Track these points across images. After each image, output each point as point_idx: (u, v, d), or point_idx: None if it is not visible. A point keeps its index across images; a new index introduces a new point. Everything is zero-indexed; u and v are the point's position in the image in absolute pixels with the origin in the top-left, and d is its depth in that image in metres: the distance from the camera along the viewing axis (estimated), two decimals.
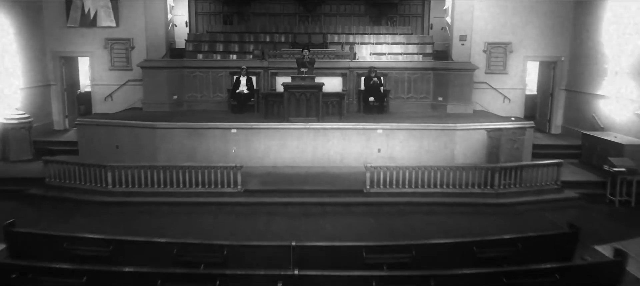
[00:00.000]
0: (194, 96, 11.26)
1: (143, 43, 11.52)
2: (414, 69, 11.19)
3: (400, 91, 11.24)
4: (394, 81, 11.21)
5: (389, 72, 11.12)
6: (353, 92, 11.18)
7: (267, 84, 11.17)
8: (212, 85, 11.23)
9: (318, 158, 9.20)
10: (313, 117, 9.31)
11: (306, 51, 10.03)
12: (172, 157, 9.12)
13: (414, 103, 11.24)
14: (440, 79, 11.07)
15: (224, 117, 9.89)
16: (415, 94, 11.26)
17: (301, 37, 13.26)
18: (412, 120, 9.64)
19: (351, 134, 9.16)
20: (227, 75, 11.12)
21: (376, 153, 9.21)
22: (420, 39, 13.09)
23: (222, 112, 10.70)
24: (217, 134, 9.15)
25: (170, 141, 9.15)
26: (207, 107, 11.14)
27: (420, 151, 9.22)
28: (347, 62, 11.16)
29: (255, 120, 9.49)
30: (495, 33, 11.52)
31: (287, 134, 9.15)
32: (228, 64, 11.26)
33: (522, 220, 7.37)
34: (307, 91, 9.27)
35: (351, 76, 11.14)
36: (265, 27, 13.82)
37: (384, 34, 13.42)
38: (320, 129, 9.16)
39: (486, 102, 11.60)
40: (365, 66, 11.04)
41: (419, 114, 10.66)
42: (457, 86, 10.87)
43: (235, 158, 9.12)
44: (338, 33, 13.46)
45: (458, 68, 10.94)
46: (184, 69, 11.17)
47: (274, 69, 11.11)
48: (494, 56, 11.58)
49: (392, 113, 10.68)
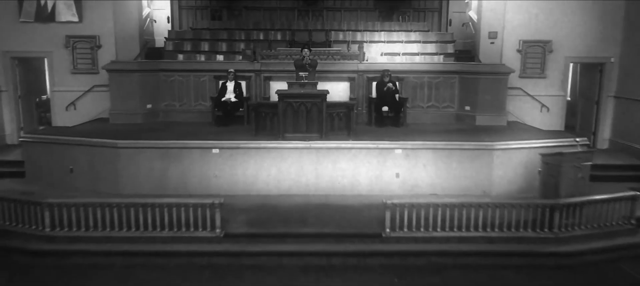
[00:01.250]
0: (171, 104, 9.41)
1: (112, 41, 9.66)
2: (435, 72, 9.34)
3: (418, 98, 9.40)
4: (412, 86, 9.36)
5: (405, 76, 9.27)
6: (362, 100, 9.33)
7: (259, 91, 9.32)
8: (193, 91, 9.38)
9: (321, 184, 7.35)
10: (315, 133, 7.47)
11: (306, 51, 8.19)
12: (138, 184, 7.28)
13: (435, 113, 9.39)
14: (467, 85, 9.22)
15: (206, 132, 8.04)
16: (437, 103, 9.42)
17: (300, 34, 11.42)
18: (437, 136, 7.80)
19: (363, 155, 7.32)
20: (211, 79, 9.27)
21: (394, 179, 7.36)
22: (439, 37, 11.24)
23: (204, 124, 8.85)
24: (195, 155, 7.30)
25: (137, 164, 7.31)
26: (188, 118, 9.29)
27: (449, 176, 7.37)
28: (355, 64, 9.32)
29: (243, 136, 7.64)
30: (532, 29, 9.65)
31: (283, 155, 7.30)
32: (212, 66, 9.40)
33: (596, 277, 5.53)
34: (307, 101, 7.42)
35: (360, 80, 9.29)
36: (258, 23, 11.98)
37: (396, 31, 11.58)
38: (323, 149, 7.30)
39: (521, 111, 9.74)
40: (377, 68, 9.20)
41: (442, 127, 8.81)
42: (488, 92, 9.02)
43: (218, 184, 7.28)
44: (343, 30, 11.61)
45: (489, 71, 9.09)
46: (159, 73, 9.32)
47: (268, 73, 9.26)
48: (531, 56, 9.72)
49: (410, 126, 8.83)
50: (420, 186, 7.39)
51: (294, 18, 12.54)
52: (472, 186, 7.39)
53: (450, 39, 11.22)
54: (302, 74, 7.65)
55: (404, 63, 9.72)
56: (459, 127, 8.85)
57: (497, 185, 7.40)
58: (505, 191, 7.40)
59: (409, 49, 10.70)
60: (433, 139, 7.56)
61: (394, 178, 7.37)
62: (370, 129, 8.60)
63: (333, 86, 8.81)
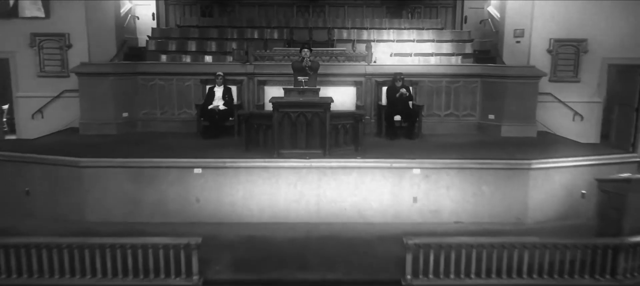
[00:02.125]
0: (151, 113, 8.22)
1: (84, 40, 8.45)
2: (454, 75, 8.16)
3: (435, 106, 8.21)
4: (427, 92, 8.17)
5: (419, 80, 8.09)
6: (370, 108, 8.14)
7: (252, 97, 8.13)
8: (177, 98, 8.19)
9: (324, 211, 6.15)
10: (316, 149, 6.28)
11: (306, 52, 7.01)
12: (106, 210, 6.09)
13: (454, 123, 8.21)
14: (491, 90, 8.04)
15: (189, 146, 6.85)
16: (456, 110, 8.23)
17: (300, 33, 10.25)
18: (460, 151, 6.62)
19: (374, 176, 6.12)
20: (198, 84, 8.08)
21: (411, 204, 6.17)
22: (455, 36, 10.05)
23: (189, 136, 7.66)
24: (173, 175, 6.10)
25: (104, 186, 6.10)
26: (170, 128, 8.10)
27: (476, 201, 6.18)
28: (363, 66, 8.12)
29: (232, 152, 6.44)
30: (564, 27, 8.46)
31: (278, 176, 6.11)
32: (198, 69, 8.21)
33: None
34: (307, 111, 6.23)
35: (368, 85, 8.11)
36: (253, 20, 10.79)
37: (407, 29, 10.40)
38: (327, 168, 6.11)
39: (550, 120, 8.55)
40: (387, 71, 8.01)
41: (463, 139, 7.62)
42: (515, 99, 7.84)
43: (200, 210, 6.09)
44: (347, 28, 10.44)
45: (518, 74, 7.90)
46: (138, 76, 8.13)
47: (262, 76, 8.07)
48: (563, 57, 8.52)
49: (426, 138, 7.65)
50: (442, 213, 6.19)
51: (292, 15, 11.35)
52: (503, 212, 6.20)
53: (467, 37, 10.03)
54: (301, 79, 6.46)
55: (419, 65, 8.52)
56: (482, 139, 7.65)
57: (533, 211, 6.21)
58: (543, 218, 6.22)
59: (422, 49, 9.51)
60: (456, 155, 6.37)
61: (411, 203, 6.17)
62: (381, 142, 7.41)
63: (337, 92, 7.63)
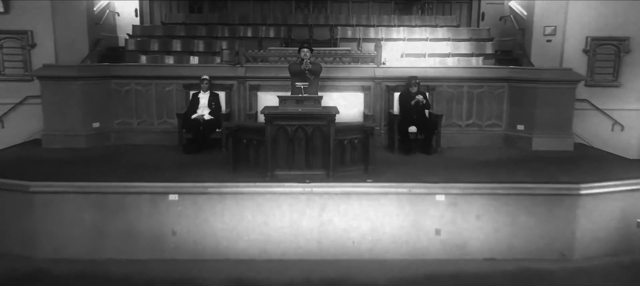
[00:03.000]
0: (127, 122, 7.12)
1: (50, 39, 7.37)
2: (477, 79, 7.06)
3: (455, 114, 7.11)
4: (445, 98, 7.08)
5: (436, 84, 6.99)
6: (380, 117, 7.05)
7: (243, 105, 7.03)
8: (156, 105, 7.09)
9: (328, 246, 5.04)
10: (319, 170, 5.19)
11: (306, 51, 5.93)
12: (61, 245, 5.00)
13: (477, 134, 7.11)
14: (520, 96, 6.94)
15: (166, 164, 5.76)
16: (479, 120, 7.13)
17: (299, 31, 9.18)
18: (488, 170, 5.53)
19: (388, 204, 5.02)
20: (180, 89, 6.99)
21: (433, 237, 5.07)
22: (473, 34, 8.97)
23: (170, 150, 6.57)
24: (144, 203, 5.00)
25: (60, 216, 5.00)
26: (149, 140, 7.01)
27: (512, 234, 5.08)
28: (371, 69, 7.03)
29: (216, 173, 5.35)
30: (602, 23, 7.38)
31: (272, 204, 5.01)
32: (181, 72, 7.10)
33: None
34: (307, 124, 5.13)
35: (377, 90, 7.01)
36: (247, 16, 9.71)
37: (419, 26, 9.32)
38: (332, 194, 5.01)
39: (585, 130, 7.47)
40: (399, 74, 6.93)
41: (490, 154, 6.53)
42: (549, 106, 6.74)
43: (177, 245, 5.00)
44: (351, 25, 9.36)
45: (552, 78, 6.79)
46: (111, 80, 7.03)
47: (255, 80, 6.97)
48: (601, 58, 7.44)
49: (446, 153, 6.56)
50: (470, 247, 5.09)
51: (290, 11, 10.27)
52: (545, 246, 5.10)
53: (487, 36, 8.95)
54: (300, 85, 5.37)
55: (435, 68, 7.42)
56: (512, 154, 6.55)
57: (581, 244, 5.11)
58: (593, 253, 5.13)
59: (436, 48, 8.43)
60: (486, 176, 5.29)
61: (433, 236, 5.07)
62: (393, 158, 6.32)
63: (342, 99, 6.56)
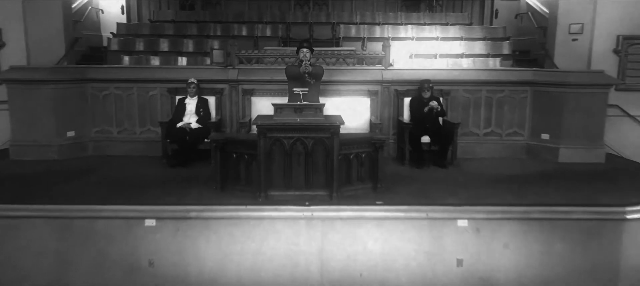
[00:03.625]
0: (106, 131, 6.39)
1: (21, 38, 6.65)
2: (496, 83, 6.32)
3: (472, 122, 6.39)
4: (461, 104, 6.35)
5: (450, 88, 6.27)
6: (388, 125, 6.33)
7: (235, 112, 6.29)
8: (138, 112, 6.37)
9: (331, 278, 4.30)
10: (320, 189, 4.46)
11: (305, 51, 5.21)
12: (21, 277, 4.28)
13: (496, 144, 6.38)
14: (545, 102, 6.21)
15: (146, 181, 5.03)
16: (499, 128, 6.40)
17: (298, 29, 8.48)
18: (513, 187, 4.80)
19: (401, 229, 4.29)
20: (165, 94, 6.26)
21: (454, 269, 4.34)
22: (488, 32, 8.26)
23: (151, 163, 5.84)
24: (116, 229, 4.28)
25: (17, 244, 4.28)
26: (130, 151, 6.29)
27: (546, 264, 4.35)
28: (378, 71, 6.30)
29: (201, 193, 4.63)
30: (636, 20, 6.65)
31: (266, 230, 4.28)
32: (166, 74, 6.36)
33: None
34: (307, 137, 4.40)
35: (385, 95, 6.28)
36: (241, 14, 8.99)
37: (428, 24, 8.61)
38: (336, 219, 4.28)
39: (615, 139, 6.74)
40: (409, 77, 6.21)
41: (513, 167, 5.80)
42: (578, 113, 6.01)
43: (155, 278, 4.27)
44: (355, 23, 8.65)
45: (581, 82, 6.05)
46: (88, 84, 6.30)
47: (249, 84, 6.23)
48: (634, 59, 6.72)
49: (462, 165, 5.83)
50: (497, 281, 4.36)
51: (289, 7, 9.54)
52: (585, 279, 4.37)
53: (502, 35, 8.23)
54: (299, 91, 4.64)
55: (449, 70, 6.69)
56: (538, 167, 5.81)
57: (627, 276, 4.39)
58: None
59: (448, 48, 7.71)
60: (513, 195, 4.56)
61: (454, 267, 4.34)
62: (404, 172, 5.59)
63: (345, 105, 5.85)
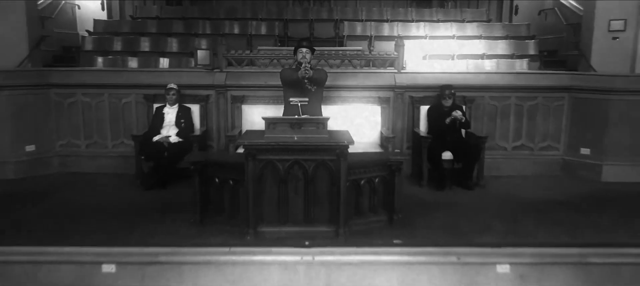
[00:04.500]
0: (73, 144, 5.49)
1: None
2: (528, 89, 5.42)
3: (498, 134, 5.49)
4: (486, 113, 5.46)
5: (473, 95, 5.38)
6: (402, 138, 5.43)
7: (223, 122, 5.39)
8: (111, 122, 5.47)
9: None
10: (324, 225, 3.56)
11: (304, 51, 4.31)
12: None
13: (527, 160, 5.48)
14: (584, 110, 5.32)
15: (111, 209, 4.14)
16: (530, 141, 5.50)
17: (297, 27, 7.61)
18: (558, 217, 3.91)
19: (426, 276, 3.40)
20: (141, 102, 5.37)
21: None
22: (510, 31, 7.37)
23: (123, 183, 4.95)
24: (66, 275, 3.38)
25: None
26: (102, 168, 5.40)
27: None
28: (391, 75, 5.38)
29: (176, 226, 3.74)
30: None
31: (256, 276, 3.38)
32: (142, 78, 5.45)
33: None
34: (308, 159, 3.50)
35: (398, 103, 5.37)
36: (234, 10, 8.10)
37: (442, 21, 7.73)
38: (344, 264, 3.38)
39: None
40: (428, 82, 5.31)
41: (550, 188, 4.91)
42: (624, 123, 5.13)
43: None
44: (361, 20, 7.77)
45: (631, 88, 5.15)
46: (50, 90, 5.40)
47: (238, 90, 5.32)
48: None
49: (491, 188, 4.93)
50: None
51: (287, 3, 8.63)
52: None
53: (526, 33, 7.35)
54: (296, 101, 3.73)
55: (475, 73, 5.79)
56: (582, 190, 4.91)
57: None
58: None
59: (466, 48, 6.83)
60: (561, 229, 3.67)
61: None
62: (422, 195, 4.69)
63: (351, 114, 4.97)
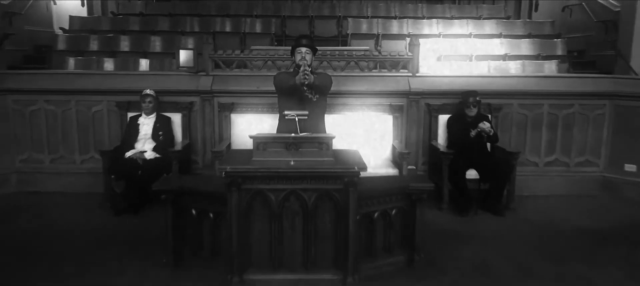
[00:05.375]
0: (35, 159, 4.73)
1: None
2: (563, 95, 4.67)
3: (529, 147, 4.73)
4: (514, 124, 4.71)
5: (502, 103, 4.62)
6: (416, 151, 4.67)
7: (209, 134, 4.63)
8: (79, 134, 4.71)
9: None
10: (327, 271, 2.80)
11: (304, 51, 3.54)
12: None
13: (562, 178, 4.72)
14: (629, 121, 4.57)
15: (74, 242, 3.39)
16: (565, 156, 4.74)
17: (296, 24, 6.89)
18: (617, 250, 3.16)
19: None
20: (113, 110, 4.61)
21: None
22: (533, 28, 6.63)
23: (93, 206, 4.20)
24: None
25: None
26: (68, 187, 4.64)
27: None
28: (405, 79, 4.62)
29: (143, 269, 2.99)
30: None
31: None
32: (115, 83, 4.67)
33: None
34: (308, 189, 2.74)
35: (412, 111, 4.61)
36: (226, 6, 7.35)
37: (456, 18, 7.00)
38: None
39: None
40: (446, 87, 4.57)
41: (595, 213, 4.15)
42: None
43: None
44: (366, 17, 7.05)
45: None
46: (7, 96, 4.64)
47: (228, 96, 4.54)
48: None
49: (524, 213, 4.18)
50: None
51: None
52: None
53: (551, 31, 6.61)
54: (294, 116, 2.96)
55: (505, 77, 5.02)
56: (632, 213, 4.17)
57: None
58: None
59: (485, 48, 6.08)
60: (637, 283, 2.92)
61: None
62: (444, 222, 3.93)
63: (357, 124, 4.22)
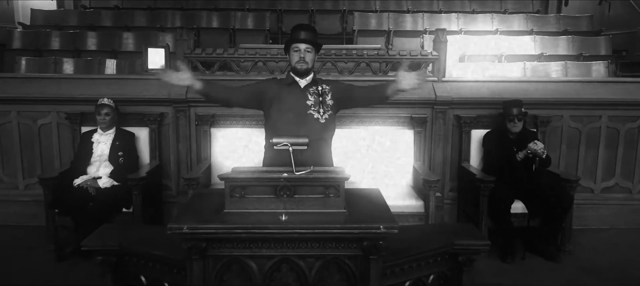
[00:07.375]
0: None
1: None
2: (623, 105, 3.77)
3: (582, 170, 3.82)
4: (564, 140, 3.80)
5: (551, 115, 3.70)
6: (442, 173, 3.76)
7: (185, 156, 3.71)
8: (21, 153, 3.79)
9: None
10: None
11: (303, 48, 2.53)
12: None
13: (622, 206, 3.83)
14: None
15: None
16: (626, 180, 3.84)
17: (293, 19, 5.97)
18: None
19: None
20: (64, 123, 3.69)
21: None
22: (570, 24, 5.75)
23: (35, 245, 3.29)
24: None
25: None
26: (9, 219, 3.76)
27: None
28: (429, 85, 3.70)
29: None
30: None
31: None
32: (66, 90, 3.72)
33: None
34: (308, 256, 1.82)
35: (438, 125, 3.70)
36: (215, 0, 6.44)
37: (478, 12, 6.10)
38: None
39: None
40: (478, 94, 3.66)
41: None
42: None
43: None
44: (374, 11, 6.17)
45: None
46: None
47: (206, 106, 3.61)
48: None
49: (585, 257, 3.27)
50: None
51: None
52: None
53: (589, 27, 5.72)
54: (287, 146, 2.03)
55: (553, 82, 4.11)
56: None
57: None
58: None
59: (516, 47, 5.18)
60: None
61: None
62: (482, 270, 3.02)
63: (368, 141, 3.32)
